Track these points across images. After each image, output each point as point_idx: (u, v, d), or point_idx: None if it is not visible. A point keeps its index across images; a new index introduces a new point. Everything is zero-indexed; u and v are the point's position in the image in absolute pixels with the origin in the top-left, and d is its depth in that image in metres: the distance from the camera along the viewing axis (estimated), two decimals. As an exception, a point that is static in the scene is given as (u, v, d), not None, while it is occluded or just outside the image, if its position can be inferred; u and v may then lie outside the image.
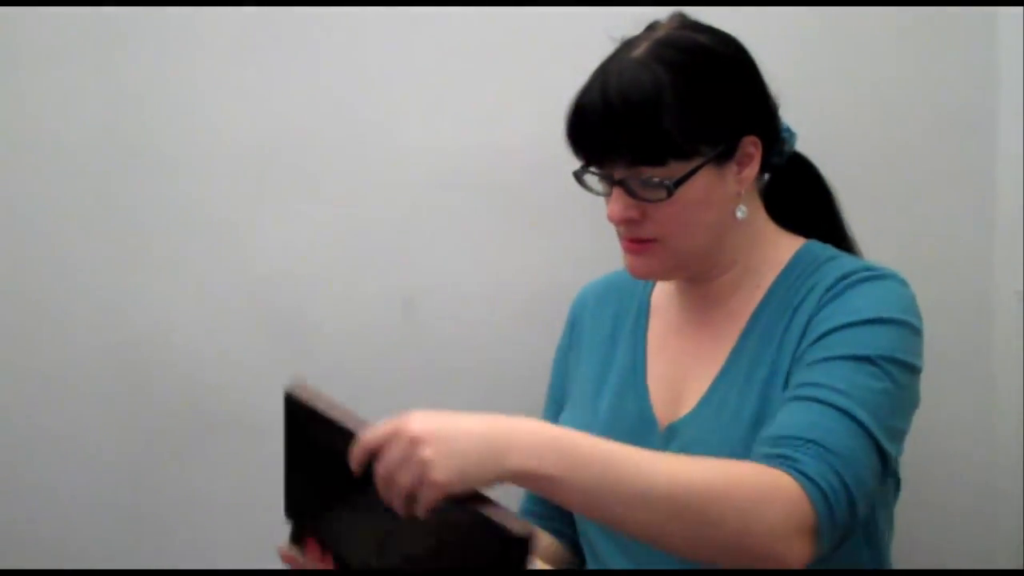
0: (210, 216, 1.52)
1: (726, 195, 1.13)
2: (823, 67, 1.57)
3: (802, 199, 1.25)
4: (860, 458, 0.99)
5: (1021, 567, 1.65)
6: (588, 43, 1.60)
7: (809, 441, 0.98)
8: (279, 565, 1.57)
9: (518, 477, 0.92)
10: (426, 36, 1.57)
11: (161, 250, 1.52)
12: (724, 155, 1.11)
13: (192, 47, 1.51)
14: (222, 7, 1.51)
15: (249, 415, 1.55)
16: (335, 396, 1.08)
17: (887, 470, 1.05)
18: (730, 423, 1.10)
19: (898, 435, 1.06)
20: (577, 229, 1.61)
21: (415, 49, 1.57)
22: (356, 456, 0.94)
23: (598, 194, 1.15)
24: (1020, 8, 1.61)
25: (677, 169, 1.09)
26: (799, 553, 0.95)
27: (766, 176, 1.21)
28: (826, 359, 1.05)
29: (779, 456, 0.98)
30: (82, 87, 1.49)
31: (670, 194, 1.09)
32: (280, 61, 1.54)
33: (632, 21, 1.58)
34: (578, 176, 1.16)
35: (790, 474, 0.96)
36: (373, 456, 0.93)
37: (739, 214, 1.14)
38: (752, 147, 1.14)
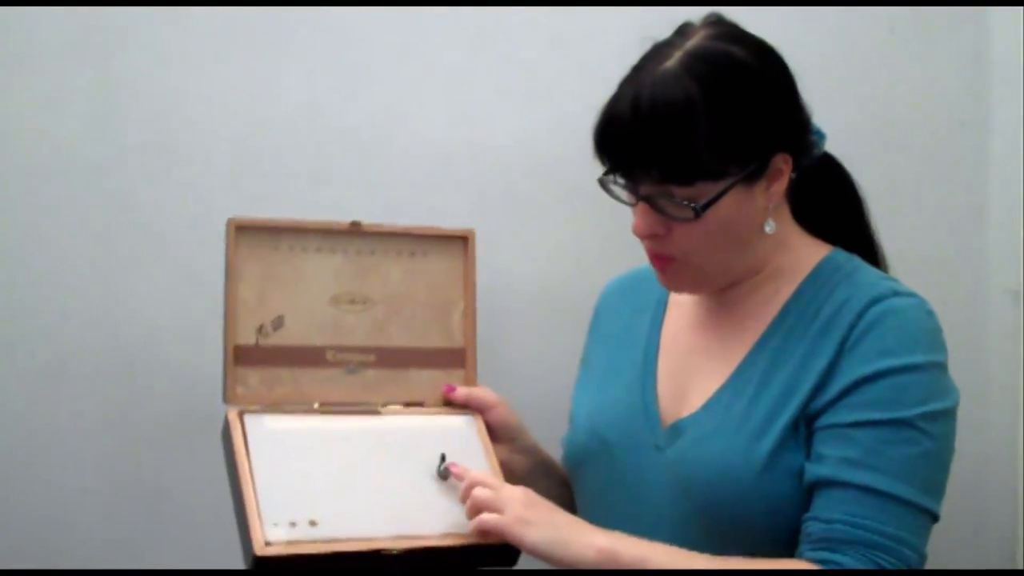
0: (204, 214, 1.51)
1: (754, 211, 1.09)
2: (816, 66, 1.56)
3: (829, 202, 1.21)
4: (905, 537, 1.01)
5: (1014, 567, 1.66)
6: (585, 42, 1.61)
7: (853, 542, 1.00)
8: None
9: (603, 551, 1.04)
10: (421, 35, 1.56)
11: (155, 248, 1.51)
12: (754, 174, 1.07)
13: (186, 46, 1.50)
14: (218, 7, 1.50)
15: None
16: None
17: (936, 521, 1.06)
18: (735, 429, 1.08)
19: (943, 486, 1.06)
20: (574, 228, 1.60)
21: (410, 48, 1.56)
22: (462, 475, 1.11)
23: (623, 203, 1.12)
24: (1012, 8, 1.61)
25: (705, 189, 1.05)
26: None
27: (793, 175, 1.16)
28: (859, 424, 1.04)
29: (826, 561, 1.01)
30: (77, 86, 1.48)
31: (697, 215, 1.05)
32: (276, 60, 1.53)
33: (629, 21, 1.59)
34: (603, 184, 1.12)
35: None
36: None
37: (768, 229, 1.10)
38: (783, 164, 1.09)
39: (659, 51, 1.08)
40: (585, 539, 1.04)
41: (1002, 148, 1.64)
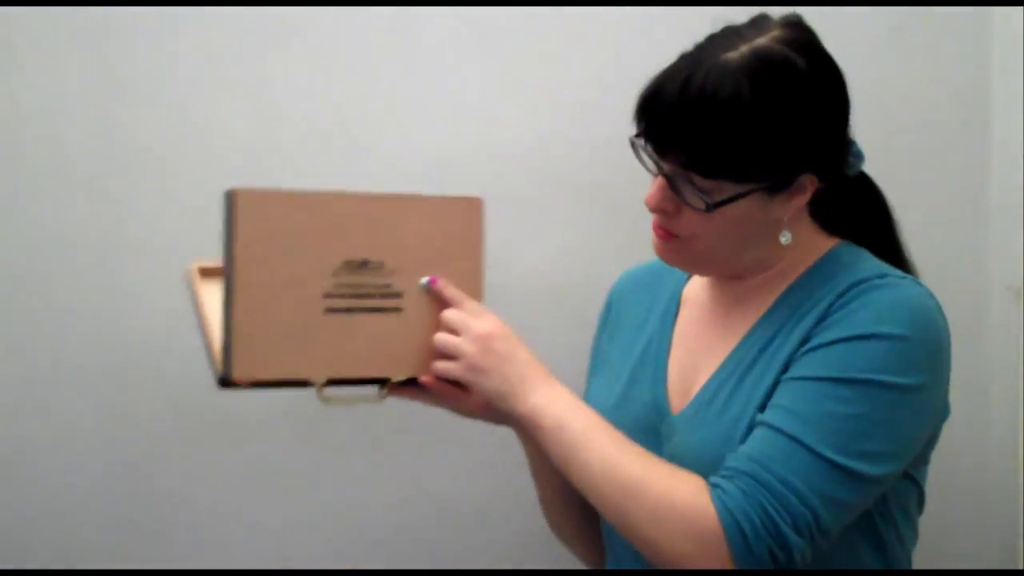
0: (205, 215, 1.51)
1: (768, 220, 1.08)
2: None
3: (854, 210, 1.18)
4: (800, 486, 0.98)
5: (1014, 567, 1.66)
6: (590, 42, 1.61)
7: (745, 473, 0.99)
8: (273, 564, 1.57)
9: (531, 410, 1.07)
10: (424, 35, 1.56)
11: (156, 250, 1.51)
12: (777, 185, 1.06)
13: (187, 47, 1.49)
14: (218, 7, 1.50)
15: (243, 415, 1.55)
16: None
17: (869, 489, 1.02)
18: (716, 417, 1.08)
19: (881, 457, 1.01)
20: (578, 228, 1.60)
21: (411, 48, 1.55)
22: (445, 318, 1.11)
23: (646, 168, 1.10)
24: (1015, 7, 1.61)
25: (725, 187, 1.04)
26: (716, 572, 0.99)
27: (822, 185, 1.13)
28: (800, 378, 1.03)
29: (715, 485, 1.00)
30: (78, 87, 1.47)
31: (709, 210, 1.05)
32: (275, 61, 1.52)
33: (634, 21, 1.59)
34: (633, 144, 1.09)
35: (715, 505, 0.98)
36: None
37: (783, 240, 1.09)
38: (809, 182, 1.08)
39: (727, 38, 1.06)
40: (522, 395, 1.07)
41: (1003, 147, 1.64)
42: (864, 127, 1.58)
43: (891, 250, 1.19)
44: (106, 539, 1.51)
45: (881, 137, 1.61)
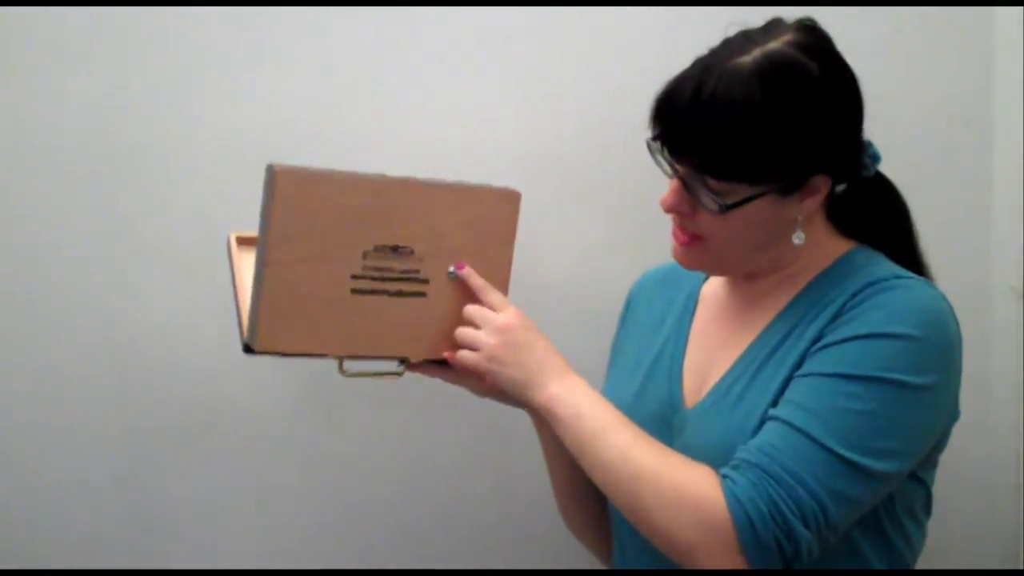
0: (207, 215, 1.51)
1: (782, 220, 1.11)
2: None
3: (871, 213, 1.20)
4: (807, 479, 0.99)
5: (1016, 567, 1.66)
6: (599, 43, 1.61)
7: (755, 464, 1.01)
8: (274, 563, 1.57)
9: (548, 400, 1.11)
10: (428, 36, 1.56)
11: (159, 250, 1.51)
12: (790, 187, 1.08)
13: (190, 48, 1.50)
14: (220, 7, 1.50)
15: (245, 413, 1.55)
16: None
17: (876, 486, 1.03)
18: (727, 414, 1.10)
19: (890, 454, 1.02)
20: (592, 230, 1.60)
21: (417, 49, 1.56)
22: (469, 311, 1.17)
23: (661, 169, 1.12)
24: (1017, 8, 1.61)
25: (739, 190, 1.06)
26: (725, 564, 1.00)
27: (838, 190, 1.16)
28: (812, 374, 1.05)
29: (725, 476, 1.02)
30: (80, 87, 1.48)
31: (722, 212, 1.07)
32: (278, 61, 1.53)
33: (638, 21, 1.59)
34: (650, 147, 1.12)
35: (725, 494, 1.00)
36: None
37: (796, 240, 1.11)
38: (822, 183, 1.10)
39: (740, 43, 1.08)
40: (540, 385, 1.11)
41: (1005, 148, 1.64)
42: (866, 128, 1.59)
43: (907, 254, 1.20)
44: (107, 540, 1.52)
45: (883, 138, 1.61)
